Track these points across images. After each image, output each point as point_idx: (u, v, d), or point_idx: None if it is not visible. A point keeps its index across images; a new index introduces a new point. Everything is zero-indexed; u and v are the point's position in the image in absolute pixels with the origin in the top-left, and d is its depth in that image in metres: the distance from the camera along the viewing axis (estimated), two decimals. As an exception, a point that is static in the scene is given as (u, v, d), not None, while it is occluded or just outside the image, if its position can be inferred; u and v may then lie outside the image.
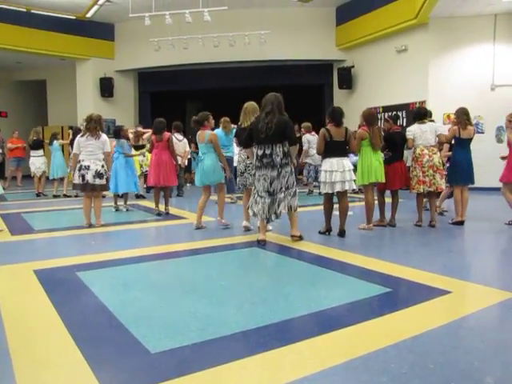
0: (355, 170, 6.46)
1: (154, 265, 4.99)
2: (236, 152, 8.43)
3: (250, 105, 6.40)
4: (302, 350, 2.78)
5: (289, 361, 2.65)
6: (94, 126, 6.94)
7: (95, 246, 5.92)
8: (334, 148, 6.02)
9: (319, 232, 6.31)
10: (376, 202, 6.87)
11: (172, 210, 8.51)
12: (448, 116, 11.46)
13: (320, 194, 6.88)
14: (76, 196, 11.06)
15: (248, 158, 6.22)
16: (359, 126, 7.12)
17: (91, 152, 6.91)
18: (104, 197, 8.29)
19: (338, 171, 5.95)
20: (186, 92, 17.23)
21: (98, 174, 6.86)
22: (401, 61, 12.46)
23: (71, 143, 10.54)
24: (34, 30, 13.89)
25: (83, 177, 6.84)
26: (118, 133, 8.67)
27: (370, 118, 6.62)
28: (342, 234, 6.14)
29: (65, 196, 11.17)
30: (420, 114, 6.91)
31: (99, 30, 15.29)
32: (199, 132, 6.77)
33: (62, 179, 11.42)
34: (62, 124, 16.90)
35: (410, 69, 12.14)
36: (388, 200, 6.98)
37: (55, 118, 17.44)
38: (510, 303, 3.58)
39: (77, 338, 2.94)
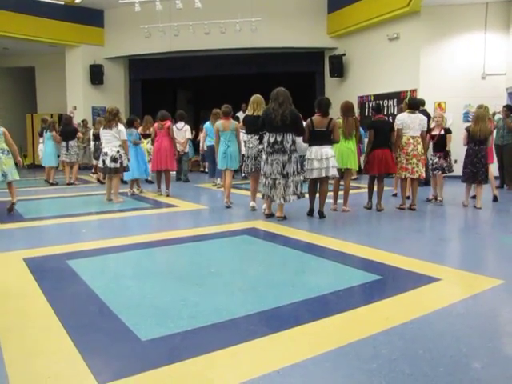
0: None
1: (145, 253, 4.98)
2: (244, 139, 8.87)
3: (258, 97, 6.99)
4: (293, 336, 2.79)
5: (279, 348, 2.67)
6: (110, 117, 7.95)
7: (86, 234, 5.89)
8: (315, 137, 6.43)
9: (307, 213, 6.69)
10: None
11: (164, 198, 8.53)
12: (439, 104, 11.49)
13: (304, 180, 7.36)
14: (69, 184, 11.05)
15: (260, 143, 6.56)
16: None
17: (108, 140, 8.00)
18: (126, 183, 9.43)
19: (315, 159, 6.36)
20: (176, 79, 17.12)
21: (113, 159, 7.93)
22: (392, 49, 12.44)
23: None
24: (21, 15, 13.64)
25: (104, 162, 8.01)
26: (131, 123, 9.37)
27: (345, 109, 6.99)
28: (320, 214, 6.53)
29: (51, 184, 11.08)
30: (415, 104, 7.38)
31: (88, 17, 15.07)
32: (222, 121, 7.51)
33: (56, 168, 11.41)
34: (52, 112, 16.70)
35: (401, 57, 12.12)
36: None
37: (44, 106, 17.22)
38: (498, 290, 3.63)
39: (67, 325, 2.93)
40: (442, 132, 7.64)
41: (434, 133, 7.71)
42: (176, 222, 6.79)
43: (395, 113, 11.71)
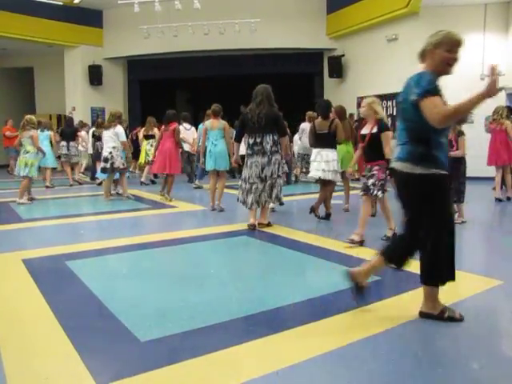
0: None
1: (144, 253, 4.97)
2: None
3: None
4: (292, 337, 2.79)
5: (278, 349, 2.66)
6: (111, 119, 8.38)
7: (85, 235, 5.89)
8: (317, 139, 6.44)
9: (322, 217, 6.50)
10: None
11: (163, 200, 8.50)
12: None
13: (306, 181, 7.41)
14: (72, 185, 11.03)
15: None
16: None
17: (105, 141, 8.38)
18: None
19: (315, 161, 6.38)
20: (175, 80, 17.11)
21: (105, 159, 8.30)
22: (391, 50, 12.44)
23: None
24: (20, 15, 13.62)
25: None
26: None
27: (340, 112, 7.03)
28: (311, 209, 6.41)
29: (47, 187, 10.98)
30: None
31: (87, 17, 15.06)
32: (212, 120, 7.46)
33: (54, 169, 11.37)
34: (50, 112, 16.71)
35: (400, 58, 12.10)
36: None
37: (43, 106, 17.21)
38: (497, 290, 3.63)
39: (66, 327, 2.93)
40: (375, 130, 4.98)
41: (363, 132, 5.21)
42: (175, 222, 6.78)
43: (394, 114, 11.74)
